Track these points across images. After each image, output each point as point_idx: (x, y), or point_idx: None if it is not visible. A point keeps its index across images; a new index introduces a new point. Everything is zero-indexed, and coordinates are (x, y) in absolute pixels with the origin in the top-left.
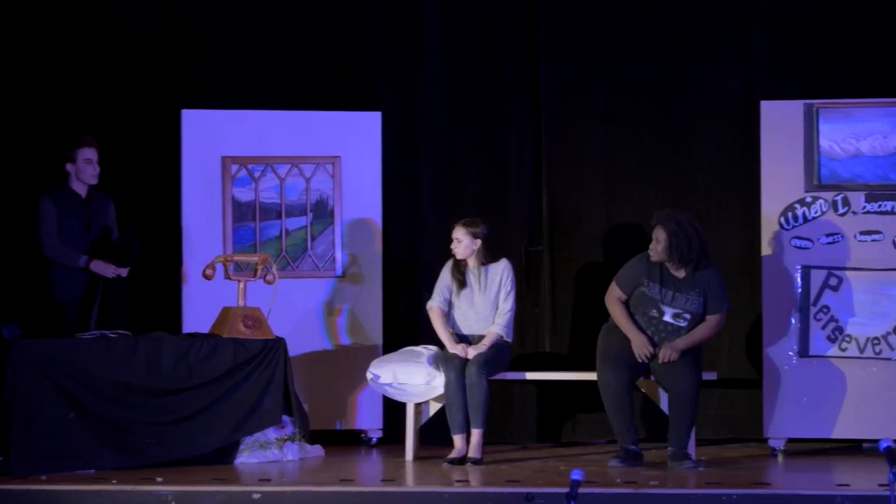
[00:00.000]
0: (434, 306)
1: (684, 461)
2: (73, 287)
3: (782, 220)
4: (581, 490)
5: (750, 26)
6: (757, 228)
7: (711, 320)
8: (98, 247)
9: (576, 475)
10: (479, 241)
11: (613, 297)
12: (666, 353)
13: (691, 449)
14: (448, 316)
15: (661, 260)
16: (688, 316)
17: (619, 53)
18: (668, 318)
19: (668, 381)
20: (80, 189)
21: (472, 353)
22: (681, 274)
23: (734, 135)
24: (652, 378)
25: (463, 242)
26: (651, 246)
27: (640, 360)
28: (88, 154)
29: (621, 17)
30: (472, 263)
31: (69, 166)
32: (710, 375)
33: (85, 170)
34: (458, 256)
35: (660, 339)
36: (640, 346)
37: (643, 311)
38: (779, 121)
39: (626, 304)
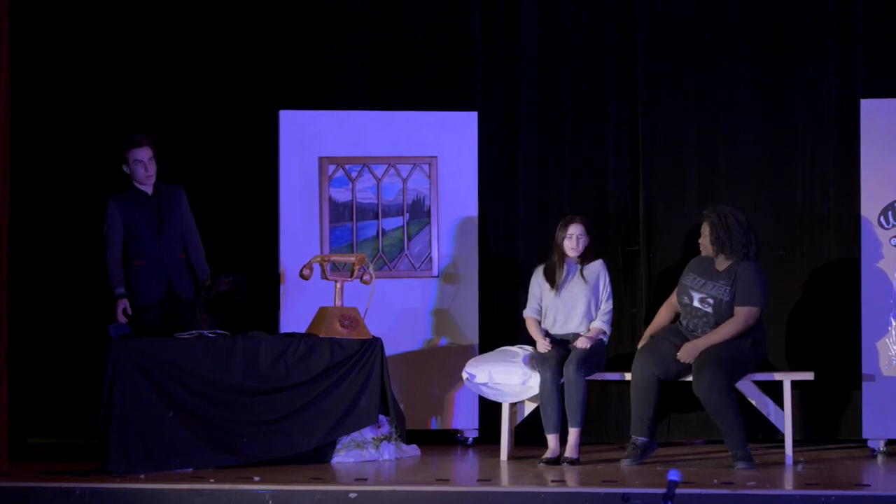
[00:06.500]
0: (528, 315)
1: (736, 462)
2: (150, 290)
3: (881, 219)
4: (678, 491)
5: (850, 23)
6: (856, 227)
7: (738, 313)
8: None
9: (673, 476)
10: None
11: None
12: (683, 353)
13: (788, 449)
14: (542, 321)
15: (708, 254)
16: (711, 301)
17: (717, 51)
18: (696, 303)
19: (693, 383)
20: (146, 187)
21: (582, 343)
22: (723, 266)
23: (833, 133)
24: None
25: (582, 239)
26: (700, 241)
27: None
28: (138, 155)
29: (718, 13)
30: (576, 260)
31: (125, 168)
32: (807, 375)
33: (136, 171)
34: (574, 253)
35: (694, 326)
36: None
37: (681, 300)
38: (879, 119)
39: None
